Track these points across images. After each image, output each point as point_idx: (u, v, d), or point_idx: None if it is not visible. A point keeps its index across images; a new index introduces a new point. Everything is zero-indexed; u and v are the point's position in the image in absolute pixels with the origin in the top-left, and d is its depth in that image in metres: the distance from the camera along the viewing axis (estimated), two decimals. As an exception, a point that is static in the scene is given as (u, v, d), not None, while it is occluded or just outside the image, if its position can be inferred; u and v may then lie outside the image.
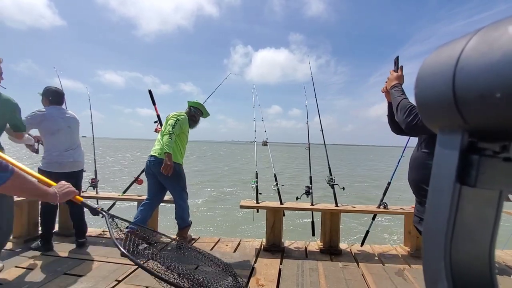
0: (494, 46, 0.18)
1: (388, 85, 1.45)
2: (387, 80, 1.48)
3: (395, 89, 1.38)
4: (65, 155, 2.47)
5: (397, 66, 1.45)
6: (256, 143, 3.39)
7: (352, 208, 2.77)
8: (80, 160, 2.63)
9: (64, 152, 2.48)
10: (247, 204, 2.81)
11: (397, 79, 1.41)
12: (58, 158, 2.43)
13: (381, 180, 13.56)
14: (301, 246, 2.84)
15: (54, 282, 1.95)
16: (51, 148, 2.45)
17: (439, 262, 0.22)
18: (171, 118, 2.69)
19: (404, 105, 1.27)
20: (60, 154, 2.45)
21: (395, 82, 1.41)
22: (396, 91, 1.37)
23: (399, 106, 1.29)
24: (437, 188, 0.22)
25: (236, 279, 1.57)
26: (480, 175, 0.20)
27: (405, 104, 1.27)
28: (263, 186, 3.13)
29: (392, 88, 1.40)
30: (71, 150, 2.53)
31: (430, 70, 0.23)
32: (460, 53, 0.20)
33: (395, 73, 1.44)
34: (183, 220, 2.73)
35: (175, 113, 2.75)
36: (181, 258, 1.58)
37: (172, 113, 2.77)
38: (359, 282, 2.10)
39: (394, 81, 1.42)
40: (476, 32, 0.20)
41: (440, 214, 0.22)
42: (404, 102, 1.28)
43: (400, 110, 1.27)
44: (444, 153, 0.22)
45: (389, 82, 1.44)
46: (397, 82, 1.40)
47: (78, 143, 2.64)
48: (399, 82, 1.41)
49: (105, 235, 2.98)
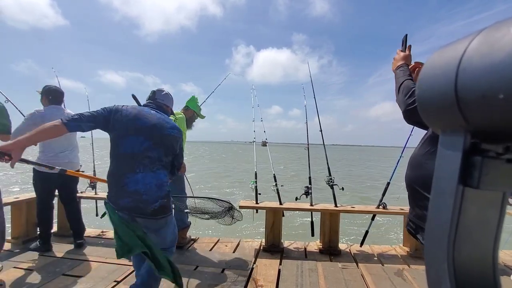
0: (497, 47, 0.18)
1: (394, 66, 1.34)
2: (393, 60, 1.37)
3: (401, 69, 1.28)
4: (60, 156, 2.44)
5: (405, 45, 1.36)
6: (255, 144, 3.39)
7: (352, 208, 2.77)
8: (76, 161, 2.60)
9: (60, 153, 2.45)
10: (246, 204, 2.81)
11: (403, 59, 1.31)
12: (52, 159, 2.39)
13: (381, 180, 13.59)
14: (300, 247, 2.84)
15: (53, 283, 1.94)
16: (47, 149, 2.42)
17: (442, 264, 0.22)
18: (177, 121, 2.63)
19: (406, 85, 1.17)
20: (55, 155, 2.42)
21: (401, 62, 1.30)
22: (401, 71, 1.27)
23: (401, 87, 1.19)
24: (440, 189, 0.22)
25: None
26: (483, 177, 0.20)
27: (408, 84, 1.17)
28: (263, 187, 3.12)
29: (398, 68, 1.30)
30: (67, 151, 2.50)
31: (433, 71, 0.23)
32: (463, 54, 0.20)
33: (402, 53, 1.34)
34: (182, 221, 2.72)
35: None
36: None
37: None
38: (358, 283, 2.10)
39: (400, 61, 1.31)
40: (478, 33, 0.20)
41: (443, 215, 0.21)
42: (407, 83, 1.18)
43: (402, 91, 1.18)
44: (446, 155, 0.22)
45: (395, 62, 1.34)
46: (403, 62, 1.30)
47: (75, 144, 2.62)
48: (405, 62, 1.30)
49: (104, 236, 2.98)
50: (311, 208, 2.77)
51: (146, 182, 1.39)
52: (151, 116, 1.48)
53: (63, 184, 2.54)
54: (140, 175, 1.39)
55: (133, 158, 1.39)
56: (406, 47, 1.36)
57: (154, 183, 1.41)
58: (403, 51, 1.36)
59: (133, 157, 1.39)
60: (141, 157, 1.40)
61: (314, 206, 2.78)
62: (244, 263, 2.39)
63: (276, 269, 2.30)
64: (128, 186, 1.37)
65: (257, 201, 2.85)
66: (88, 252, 2.50)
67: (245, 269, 2.27)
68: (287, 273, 2.22)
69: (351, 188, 11.46)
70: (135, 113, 1.45)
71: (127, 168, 1.39)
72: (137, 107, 1.54)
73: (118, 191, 1.39)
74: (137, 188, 1.37)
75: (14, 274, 2.05)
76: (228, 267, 2.30)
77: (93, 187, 3.08)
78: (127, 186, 1.37)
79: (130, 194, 1.37)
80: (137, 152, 1.40)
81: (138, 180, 1.38)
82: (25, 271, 2.10)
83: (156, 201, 1.41)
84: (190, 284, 2.00)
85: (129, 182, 1.37)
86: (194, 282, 2.03)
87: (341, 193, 2.88)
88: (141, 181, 1.38)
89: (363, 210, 2.79)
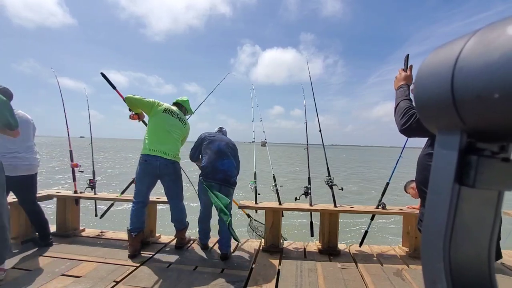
0: (492, 47, 0.18)
1: (396, 85, 1.41)
2: (395, 79, 1.44)
3: (400, 89, 1.35)
4: (18, 157, 2.39)
5: (407, 65, 1.41)
6: (255, 144, 3.39)
7: (351, 208, 2.77)
8: (35, 163, 2.54)
9: (18, 154, 2.40)
10: (246, 204, 2.81)
11: (404, 80, 1.37)
12: (12, 160, 2.34)
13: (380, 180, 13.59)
14: (299, 247, 2.84)
15: (52, 283, 1.94)
16: (3, 150, 2.35)
17: (438, 263, 0.22)
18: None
19: (401, 106, 1.25)
20: (14, 157, 2.37)
21: (402, 83, 1.37)
22: (400, 91, 1.34)
23: (397, 108, 1.28)
24: (436, 188, 0.22)
25: None
26: (478, 176, 0.20)
27: (402, 106, 1.25)
28: (262, 187, 3.13)
29: (398, 88, 1.36)
30: (23, 153, 2.44)
31: (429, 71, 0.23)
32: (459, 54, 0.20)
33: (403, 72, 1.40)
34: (181, 223, 2.71)
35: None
36: None
37: (167, 104, 2.68)
38: (357, 283, 2.10)
39: (401, 81, 1.38)
40: (474, 33, 0.20)
41: (439, 214, 0.22)
42: (402, 104, 1.26)
43: (397, 112, 1.26)
44: (442, 154, 0.22)
45: (397, 82, 1.40)
46: (404, 83, 1.36)
47: (30, 145, 2.53)
48: (406, 82, 1.36)
49: (103, 236, 2.97)
50: (310, 208, 2.77)
51: (229, 165, 2.51)
52: (222, 137, 2.70)
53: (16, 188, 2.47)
54: (226, 161, 2.51)
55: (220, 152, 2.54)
56: (407, 67, 1.41)
57: (233, 165, 2.56)
58: (405, 70, 1.41)
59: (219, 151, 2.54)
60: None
61: (314, 206, 2.78)
62: (243, 263, 2.39)
63: (275, 269, 2.30)
64: (220, 166, 2.46)
65: (257, 201, 2.85)
66: (87, 252, 2.49)
67: (245, 269, 2.26)
68: (287, 273, 2.22)
69: (350, 188, 11.46)
70: (213, 136, 2.65)
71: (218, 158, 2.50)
72: (213, 134, 2.72)
73: (214, 170, 2.44)
74: (224, 168, 2.47)
75: (13, 274, 2.05)
76: (227, 267, 2.30)
77: (92, 188, 3.08)
78: (220, 166, 2.46)
79: (222, 171, 2.45)
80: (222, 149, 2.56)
81: (224, 164, 2.48)
82: (24, 271, 2.10)
83: (234, 176, 2.57)
84: (190, 284, 2.00)
85: (220, 164, 2.46)
86: (194, 282, 2.03)
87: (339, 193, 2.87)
88: (226, 164, 2.49)
89: (362, 210, 2.79)
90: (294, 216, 6.46)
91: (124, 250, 2.53)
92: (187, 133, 2.81)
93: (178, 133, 2.65)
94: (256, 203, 2.83)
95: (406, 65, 1.41)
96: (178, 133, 2.64)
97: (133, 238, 2.44)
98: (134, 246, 2.45)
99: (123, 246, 2.67)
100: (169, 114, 2.61)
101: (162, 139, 2.53)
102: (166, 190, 2.64)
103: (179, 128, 2.66)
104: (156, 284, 1.98)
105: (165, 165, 2.49)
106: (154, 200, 2.88)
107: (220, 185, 2.41)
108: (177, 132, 2.63)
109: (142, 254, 2.49)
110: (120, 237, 2.92)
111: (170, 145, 2.56)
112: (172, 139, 2.59)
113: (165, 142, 2.54)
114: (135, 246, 2.45)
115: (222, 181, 2.42)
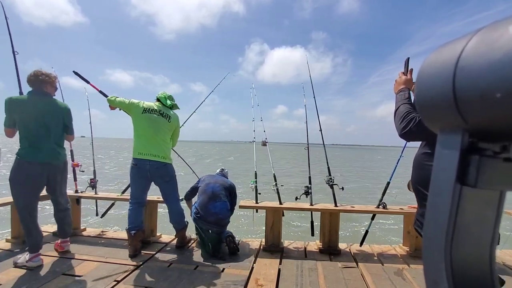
0: (494, 46, 0.18)
1: (396, 89, 1.39)
2: (395, 83, 1.42)
3: (400, 93, 1.33)
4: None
5: (407, 68, 1.40)
6: (255, 143, 3.39)
7: (351, 208, 2.77)
8: None
9: None
10: (246, 204, 2.81)
11: (404, 83, 1.36)
12: None
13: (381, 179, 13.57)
14: (300, 246, 2.84)
15: (53, 283, 1.94)
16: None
17: (439, 263, 0.22)
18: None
19: (400, 111, 1.24)
20: None
21: (402, 86, 1.36)
22: (400, 95, 1.32)
23: (397, 112, 1.26)
24: (437, 188, 0.22)
25: None
26: (480, 176, 0.20)
27: (402, 110, 1.24)
28: (262, 186, 3.12)
29: (398, 92, 1.35)
30: None
31: (430, 70, 0.23)
32: (460, 53, 0.20)
33: (404, 76, 1.39)
34: (180, 223, 2.71)
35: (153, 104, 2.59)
36: None
37: (147, 103, 2.54)
38: (358, 282, 2.10)
39: (401, 85, 1.36)
40: (476, 32, 0.20)
41: (441, 214, 0.22)
42: (402, 108, 1.25)
43: (397, 116, 1.25)
44: (444, 154, 0.22)
45: (397, 86, 1.39)
46: (404, 87, 1.35)
47: None
48: (406, 86, 1.35)
49: (104, 235, 2.98)
50: (311, 207, 2.77)
51: (221, 207, 2.57)
52: (218, 178, 2.83)
53: None
54: (218, 203, 2.57)
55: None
56: (408, 70, 1.40)
57: (225, 207, 2.61)
58: (405, 74, 1.40)
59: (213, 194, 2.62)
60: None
61: (314, 206, 2.78)
62: (244, 263, 2.39)
63: (276, 268, 2.30)
64: (212, 209, 2.54)
65: (257, 201, 2.85)
66: (88, 252, 2.50)
67: (245, 269, 2.27)
68: (287, 273, 2.23)
69: (350, 188, 11.46)
70: (209, 178, 2.81)
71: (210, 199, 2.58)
72: (210, 176, 2.91)
73: (206, 213, 2.53)
74: (215, 211, 2.54)
75: (14, 274, 2.05)
76: (228, 266, 2.30)
77: (93, 187, 3.08)
78: (211, 209, 2.54)
79: (213, 214, 2.53)
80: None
81: (216, 206, 2.55)
82: (25, 271, 2.10)
83: (227, 217, 2.65)
84: (191, 283, 2.00)
85: (212, 207, 2.54)
86: (194, 282, 2.03)
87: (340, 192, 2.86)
88: (218, 207, 2.55)
89: (363, 210, 2.79)
90: (294, 216, 6.47)
91: (125, 250, 2.53)
92: (176, 126, 2.69)
93: (164, 130, 2.54)
94: (256, 202, 2.83)
95: (406, 68, 1.40)
96: (164, 130, 2.54)
97: (132, 237, 2.44)
98: (135, 246, 2.45)
99: (124, 245, 2.67)
100: (150, 113, 2.49)
101: (148, 140, 2.46)
102: (161, 192, 2.64)
103: (163, 124, 2.53)
104: (157, 284, 1.98)
105: (155, 168, 2.46)
106: (155, 200, 2.88)
107: (212, 226, 2.54)
108: (163, 130, 2.52)
109: (143, 254, 2.49)
110: (121, 237, 2.93)
111: (158, 146, 2.48)
112: (159, 140, 2.50)
113: (152, 144, 2.46)
114: (135, 246, 2.46)
115: (214, 223, 2.53)
